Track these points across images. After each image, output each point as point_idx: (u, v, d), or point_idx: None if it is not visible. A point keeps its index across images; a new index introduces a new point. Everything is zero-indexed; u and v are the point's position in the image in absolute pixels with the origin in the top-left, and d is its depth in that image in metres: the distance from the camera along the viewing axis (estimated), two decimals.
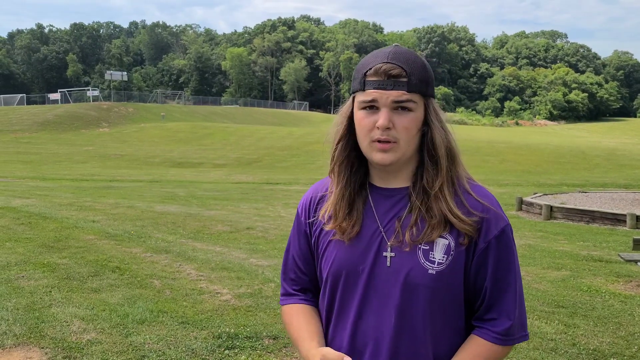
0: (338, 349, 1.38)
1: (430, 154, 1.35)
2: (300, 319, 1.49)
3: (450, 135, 1.38)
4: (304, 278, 1.55)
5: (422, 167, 1.37)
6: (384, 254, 1.36)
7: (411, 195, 1.37)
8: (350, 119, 1.39)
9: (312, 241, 1.50)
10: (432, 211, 1.33)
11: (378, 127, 1.31)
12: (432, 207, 1.34)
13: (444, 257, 1.33)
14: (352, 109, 1.39)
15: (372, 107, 1.32)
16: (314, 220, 1.49)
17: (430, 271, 1.33)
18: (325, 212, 1.44)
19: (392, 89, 1.30)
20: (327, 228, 1.43)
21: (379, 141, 1.32)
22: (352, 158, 1.42)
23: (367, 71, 1.33)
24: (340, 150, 1.41)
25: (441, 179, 1.34)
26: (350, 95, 1.41)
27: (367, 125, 1.33)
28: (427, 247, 1.33)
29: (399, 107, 1.30)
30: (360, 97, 1.34)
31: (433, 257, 1.33)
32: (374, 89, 1.31)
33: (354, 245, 1.38)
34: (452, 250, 1.33)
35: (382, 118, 1.30)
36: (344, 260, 1.39)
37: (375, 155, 1.34)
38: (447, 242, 1.33)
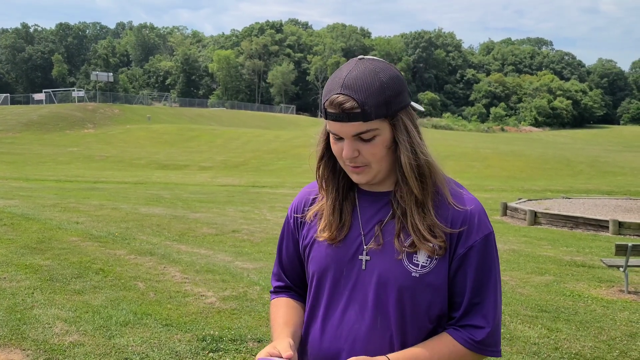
0: (317, 345, 1.41)
1: (402, 172, 1.34)
2: (280, 309, 1.52)
3: (421, 148, 1.34)
4: (293, 279, 1.58)
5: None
6: (360, 257, 1.38)
7: (392, 203, 1.38)
8: (328, 137, 1.40)
9: (301, 241, 1.51)
10: (412, 226, 1.33)
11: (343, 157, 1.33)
12: (412, 221, 1.34)
13: (427, 260, 1.34)
14: None
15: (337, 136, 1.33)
16: (303, 221, 1.51)
17: (413, 274, 1.33)
18: (316, 218, 1.45)
19: (348, 121, 1.27)
20: (320, 239, 1.43)
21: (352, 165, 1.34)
22: (336, 170, 1.43)
23: (325, 101, 1.30)
24: (322, 168, 1.44)
25: (412, 196, 1.34)
26: None
27: (337, 151, 1.35)
28: (411, 250, 1.34)
29: (360, 137, 1.30)
30: (327, 124, 1.34)
31: (417, 260, 1.34)
32: (333, 120, 1.30)
33: (339, 247, 1.40)
34: (436, 254, 1.33)
35: (345, 149, 1.31)
36: (328, 261, 1.42)
37: (351, 176, 1.37)
38: (431, 244, 1.33)
